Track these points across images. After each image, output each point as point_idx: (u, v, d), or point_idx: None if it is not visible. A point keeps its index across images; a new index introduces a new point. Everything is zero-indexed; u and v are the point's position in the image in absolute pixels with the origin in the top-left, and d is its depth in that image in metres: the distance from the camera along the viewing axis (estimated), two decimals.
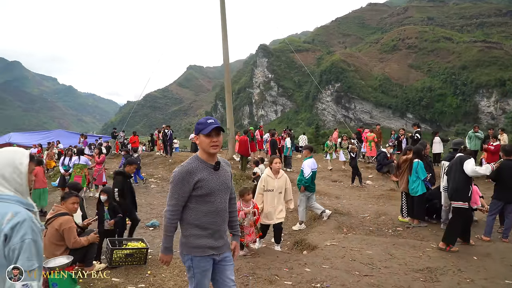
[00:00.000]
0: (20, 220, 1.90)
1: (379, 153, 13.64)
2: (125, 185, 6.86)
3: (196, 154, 2.90)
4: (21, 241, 1.89)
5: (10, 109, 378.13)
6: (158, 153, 22.26)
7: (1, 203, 1.94)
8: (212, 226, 2.78)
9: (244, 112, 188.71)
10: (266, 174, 6.58)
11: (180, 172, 2.72)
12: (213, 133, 2.73)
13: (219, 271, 2.89)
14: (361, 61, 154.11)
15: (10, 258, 1.90)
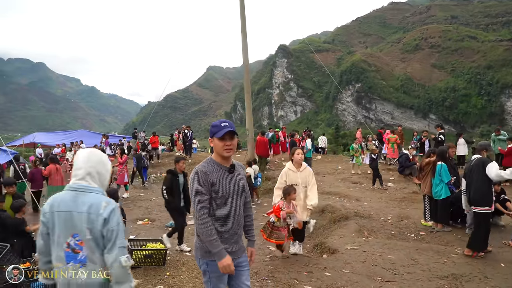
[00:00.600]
0: (113, 207, 2.46)
1: (401, 155, 13.39)
2: (174, 183, 6.80)
3: (210, 156, 2.87)
4: (117, 225, 2.45)
5: (35, 109, 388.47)
6: (178, 153, 22.42)
7: (94, 194, 2.48)
8: (227, 230, 2.74)
9: (263, 113, 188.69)
10: (287, 168, 6.14)
11: (197, 173, 2.71)
12: (226, 136, 2.70)
13: (235, 276, 2.85)
14: (382, 61, 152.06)
15: (108, 237, 2.42)
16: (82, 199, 2.45)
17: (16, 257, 4.87)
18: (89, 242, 2.42)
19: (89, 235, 2.40)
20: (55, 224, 2.46)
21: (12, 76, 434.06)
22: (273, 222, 5.76)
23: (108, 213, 2.42)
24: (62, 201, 2.48)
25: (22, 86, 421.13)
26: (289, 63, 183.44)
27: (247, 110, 18.66)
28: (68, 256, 2.44)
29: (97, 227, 2.40)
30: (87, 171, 2.53)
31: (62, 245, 2.45)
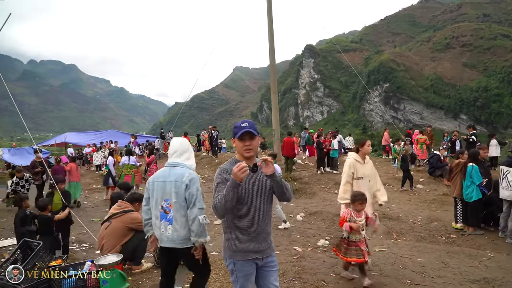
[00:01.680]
0: (194, 177, 3.39)
1: (431, 155, 13.08)
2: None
3: (234, 156, 2.90)
4: (196, 190, 3.35)
5: (67, 110, 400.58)
6: (204, 153, 22.65)
7: (181, 168, 3.48)
8: (254, 229, 2.74)
9: (289, 113, 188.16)
10: (353, 159, 5.42)
11: (219, 171, 2.77)
12: (245, 137, 2.71)
13: (263, 276, 2.84)
14: (411, 61, 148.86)
15: (189, 199, 3.31)
16: (173, 171, 3.47)
17: (48, 254, 5.01)
18: (175, 205, 3.35)
19: (175, 199, 3.34)
20: (154, 190, 3.48)
21: (45, 78, 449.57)
22: (347, 237, 4.74)
23: (189, 181, 3.36)
24: (160, 173, 3.52)
25: (54, 87, 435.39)
26: (316, 63, 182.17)
27: (273, 111, 18.66)
28: (162, 215, 3.40)
29: (181, 191, 3.33)
30: (179, 153, 3.60)
31: (158, 207, 3.42)
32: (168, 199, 3.38)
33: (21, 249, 4.90)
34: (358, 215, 4.68)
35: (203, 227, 3.33)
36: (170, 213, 3.37)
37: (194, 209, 3.31)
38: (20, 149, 27.52)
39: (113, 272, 4.40)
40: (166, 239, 3.42)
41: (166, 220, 3.38)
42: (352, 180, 5.31)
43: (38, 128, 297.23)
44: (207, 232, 3.40)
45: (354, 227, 4.63)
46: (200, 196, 3.38)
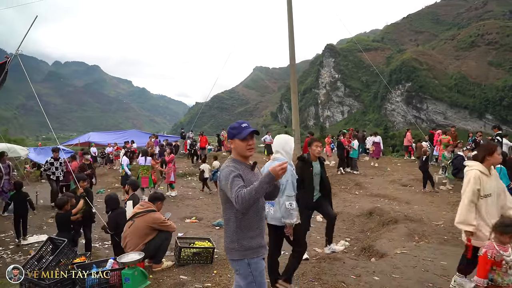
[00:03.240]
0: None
1: (455, 156, 12.78)
2: (305, 173, 5.37)
3: (230, 157, 2.89)
4: (286, 181, 4.07)
5: (90, 110, 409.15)
6: (224, 153, 22.78)
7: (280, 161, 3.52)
8: (259, 226, 2.81)
9: (309, 113, 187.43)
10: (478, 171, 4.27)
11: (228, 171, 2.68)
12: (248, 136, 2.76)
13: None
14: (435, 59, 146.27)
15: (281, 189, 3.89)
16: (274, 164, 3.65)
17: (72, 252, 5.11)
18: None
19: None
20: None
21: (69, 79, 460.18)
22: (490, 280, 3.44)
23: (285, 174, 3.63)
24: (267, 165, 4.23)
25: (78, 88, 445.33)
26: (336, 63, 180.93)
27: (293, 111, 18.59)
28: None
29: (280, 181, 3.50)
30: (279, 148, 4.23)
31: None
32: None
33: (47, 246, 5.02)
34: (504, 249, 3.40)
35: (289, 211, 4.04)
36: None
37: (283, 196, 4.06)
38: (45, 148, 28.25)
39: (135, 270, 4.47)
40: (270, 218, 4.22)
41: (270, 203, 4.16)
42: (478, 199, 4.26)
43: (62, 128, 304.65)
44: (294, 215, 4.08)
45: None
46: (289, 185, 4.10)
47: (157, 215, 5.55)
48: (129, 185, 7.02)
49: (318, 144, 5.53)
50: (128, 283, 4.41)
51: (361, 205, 10.18)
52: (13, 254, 7.21)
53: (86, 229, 6.88)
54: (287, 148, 4.23)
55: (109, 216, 6.19)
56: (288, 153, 4.23)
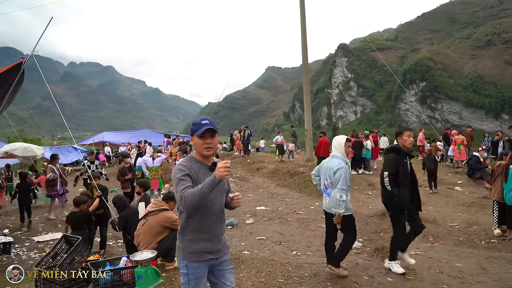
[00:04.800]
0: (341, 166, 4.59)
1: (470, 157, 12.59)
2: (400, 166, 4.80)
3: (191, 154, 2.82)
4: (339, 176, 4.54)
5: (105, 110, 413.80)
6: (236, 153, 22.81)
7: (336, 159, 4.75)
8: (210, 229, 2.66)
9: (322, 113, 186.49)
10: None
11: (178, 168, 2.61)
12: (206, 134, 2.63)
13: (218, 274, 2.78)
14: (450, 58, 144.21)
15: (335, 182, 4.57)
16: (331, 160, 4.81)
17: (86, 249, 5.17)
18: (331, 184, 4.67)
19: (329, 180, 4.69)
20: (321, 172, 4.93)
21: (84, 79, 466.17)
22: None
23: (337, 168, 4.59)
24: (325, 161, 4.93)
25: (93, 88, 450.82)
26: (349, 62, 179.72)
27: (305, 110, 18.54)
28: (324, 190, 4.87)
29: (331, 176, 4.64)
30: (335, 147, 4.86)
31: (323, 184, 4.88)
32: (327, 179, 4.75)
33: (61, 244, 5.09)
34: None
35: (339, 202, 4.50)
36: (329, 189, 4.73)
37: (335, 189, 4.55)
38: (61, 148, 28.71)
39: (148, 268, 4.49)
40: (326, 206, 4.86)
41: (326, 193, 4.81)
42: None
43: (77, 128, 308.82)
44: (342, 206, 4.51)
45: None
46: (342, 180, 4.52)
47: (170, 214, 5.58)
48: (139, 185, 7.04)
49: (411, 134, 4.98)
50: (140, 281, 4.44)
51: (374, 206, 10.08)
52: (28, 251, 7.32)
53: (102, 228, 7.00)
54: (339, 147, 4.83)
55: (119, 215, 6.25)
56: (341, 152, 4.81)
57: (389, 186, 4.71)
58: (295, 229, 8.38)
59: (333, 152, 4.90)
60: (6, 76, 6.92)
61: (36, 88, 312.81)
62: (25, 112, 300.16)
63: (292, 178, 14.48)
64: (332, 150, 4.95)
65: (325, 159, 5.00)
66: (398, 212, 4.91)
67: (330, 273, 4.99)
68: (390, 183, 4.70)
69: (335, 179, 4.57)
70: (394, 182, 4.72)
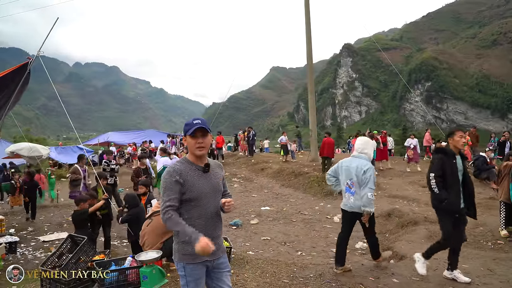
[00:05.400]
0: (370, 166, 4.80)
1: (477, 157, 12.48)
2: (448, 168, 4.50)
3: (185, 156, 2.80)
4: (369, 176, 4.72)
5: (109, 110, 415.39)
6: (241, 153, 22.81)
7: (361, 159, 4.90)
8: (204, 231, 2.59)
9: (326, 113, 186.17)
10: None
11: (167, 172, 2.61)
12: (198, 134, 2.61)
13: (215, 278, 2.76)
14: (455, 58, 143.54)
15: (363, 182, 4.70)
16: (355, 161, 4.93)
17: (92, 249, 5.18)
18: (356, 183, 4.79)
19: (356, 179, 4.79)
20: (342, 172, 5.02)
21: (89, 80, 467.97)
22: None
23: (366, 169, 4.75)
24: (346, 161, 5.03)
25: (98, 88, 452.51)
26: (354, 62, 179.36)
27: (310, 111, 18.52)
28: (347, 189, 4.91)
29: (360, 175, 4.76)
30: (362, 148, 4.98)
31: (344, 183, 4.95)
32: (352, 179, 4.84)
33: (67, 244, 5.11)
34: None
35: (370, 201, 4.65)
36: (352, 188, 4.83)
37: (366, 188, 4.67)
38: (66, 148, 28.84)
39: (153, 268, 4.50)
40: (350, 206, 4.86)
41: (349, 192, 4.86)
42: None
43: (83, 128, 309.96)
44: (373, 205, 4.74)
45: None
46: (372, 180, 4.70)
47: None
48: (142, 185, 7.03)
49: (463, 134, 4.68)
50: (146, 281, 4.45)
51: (379, 206, 10.03)
52: (34, 251, 7.36)
53: (105, 228, 6.99)
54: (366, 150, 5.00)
55: (128, 212, 6.25)
56: (367, 154, 4.99)
57: (436, 188, 4.43)
58: (299, 230, 8.37)
59: (357, 152, 5.01)
60: (13, 76, 6.97)
61: (42, 88, 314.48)
62: (31, 112, 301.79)
63: (297, 179, 14.46)
64: (356, 150, 5.05)
65: (345, 159, 5.11)
66: (446, 216, 4.60)
67: (335, 274, 4.98)
68: (437, 185, 4.43)
69: (364, 178, 4.70)
70: (442, 184, 4.44)
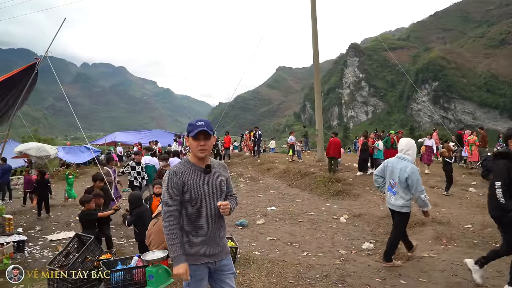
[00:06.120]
0: (414, 170, 4.96)
1: (485, 158, 12.35)
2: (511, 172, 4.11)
3: (186, 157, 2.80)
4: (415, 179, 4.94)
5: (116, 110, 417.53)
6: (247, 153, 22.81)
7: (406, 162, 5.08)
8: (205, 232, 2.63)
9: (333, 113, 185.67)
10: None
11: (167, 175, 2.63)
12: (200, 136, 2.60)
13: (219, 279, 2.75)
14: (463, 58, 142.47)
15: (411, 185, 4.95)
16: (400, 162, 5.14)
17: (98, 248, 5.20)
18: (398, 184, 5.09)
19: (398, 180, 5.07)
20: (387, 171, 5.32)
21: (97, 80, 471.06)
22: None
23: (411, 172, 4.94)
24: (392, 162, 5.29)
25: (105, 89, 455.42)
26: (361, 62, 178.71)
27: (316, 111, 18.48)
28: (389, 188, 5.27)
29: (403, 177, 5.00)
30: (405, 150, 5.18)
31: (387, 182, 5.30)
32: (395, 179, 5.13)
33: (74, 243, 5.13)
34: None
35: (425, 202, 5.05)
36: (394, 188, 5.16)
37: (417, 192, 4.95)
38: (74, 148, 29.04)
39: (159, 268, 4.50)
40: (391, 204, 5.28)
41: (391, 192, 5.22)
42: None
43: (90, 128, 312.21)
44: (429, 204, 5.19)
45: None
46: (419, 182, 4.96)
47: None
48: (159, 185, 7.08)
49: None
50: (152, 281, 4.45)
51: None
52: (42, 250, 7.40)
53: (103, 227, 6.73)
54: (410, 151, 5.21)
55: (132, 213, 6.25)
56: (411, 155, 5.20)
57: (503, 198, 4.05)
58: (306, 230, 8.34)
59: (402, 153, 5.22)
60: (21, 76, 7.02)
61: (50, 89, 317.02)
62: (39, 112, 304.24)
63: (303, 179, 14.42)
64: (400, 152, 5.26)
65: (391, 159, 5.37)
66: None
67: (341, 275, 4.96)
68: (504, 195, 4.04)
69: (412, 182, 4.93)
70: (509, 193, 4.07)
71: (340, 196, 11.87)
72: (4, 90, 7.13)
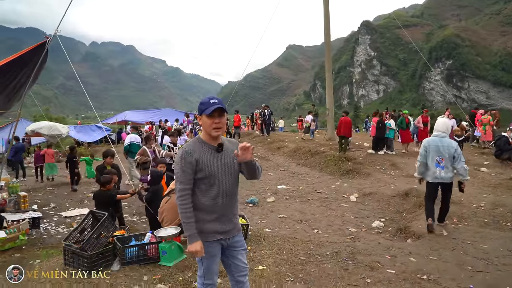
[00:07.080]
0: (456, 147, 5.79)
1: (498, 137, 12.21)
2: None
3: (198, 135, 2.79)
4: (459, 153, 5.72)
5: (126, 89, 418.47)
6: (257, 132, 22.84)
7: (446, 139, 5.84)
8: (218, 210, 2.66)
9: (343, 92, 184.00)
10: None
11: (180, 154, 2.63)
12: (215, 113, 2.58)
13: (231, 255, 2.79)
14: (478, 35, 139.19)
15: (456, 158, 5.68)
16: (442, 140, 5.79)
17: (112, 225, 5.28)
18: (446, 159, 5.70)
19: (446, 156, 5.69)
20: (430, 151, 5.83)
21: (106, 59, 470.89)
22: None
23: (456, 147, 5.71)
24: (433, 141, 5.86)
25: (114, 67, 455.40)
26: (373, 40, 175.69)
27: (327, 89, 18.30)
28: (436, 165, 5.78)
29: (451, 152, 5.68)
30: (442, 128, 5.87)
31: (434, 160, 5.79)
32: (440, 156, 5.73)
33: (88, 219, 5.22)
34: None
35: (467, 171, 5.70)
36: (442, 163, 5.74)
37: (460, 163, 5.65)
38: (85, 126, 29.32)
39: (172, 244, 4.58)
40: (439, 178, 5.81)
41: (440, 167, 5.76)
42: None
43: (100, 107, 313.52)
44: (468, 173, 5.79)
45: None
46: (461, 156, 5.70)
47: None
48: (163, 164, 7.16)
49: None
50: (165, 256, 4.55)
51: (396, 186, 9.96)
52: (57, 226, 7.56)
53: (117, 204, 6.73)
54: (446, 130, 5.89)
55: (149, 189, 6.34)
56: (448, 133, 5.89)
57: None
58: (316, 208, 8.38)
59: (441, 132, 5.86)
60: (31, 55, 7.02)
61: (60, 68, 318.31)
62: (50, 91, 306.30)
63: (313, 158, 14.41)
64: (439, 131, 5.87)
65: (430, 139, 5.95)
66: None
67: (352, 252, 5.00)
68: None
69: (456, 154, 5.66)
70: None
71: (350, 175, 11.85)
72: (16, 69, 7.15)
